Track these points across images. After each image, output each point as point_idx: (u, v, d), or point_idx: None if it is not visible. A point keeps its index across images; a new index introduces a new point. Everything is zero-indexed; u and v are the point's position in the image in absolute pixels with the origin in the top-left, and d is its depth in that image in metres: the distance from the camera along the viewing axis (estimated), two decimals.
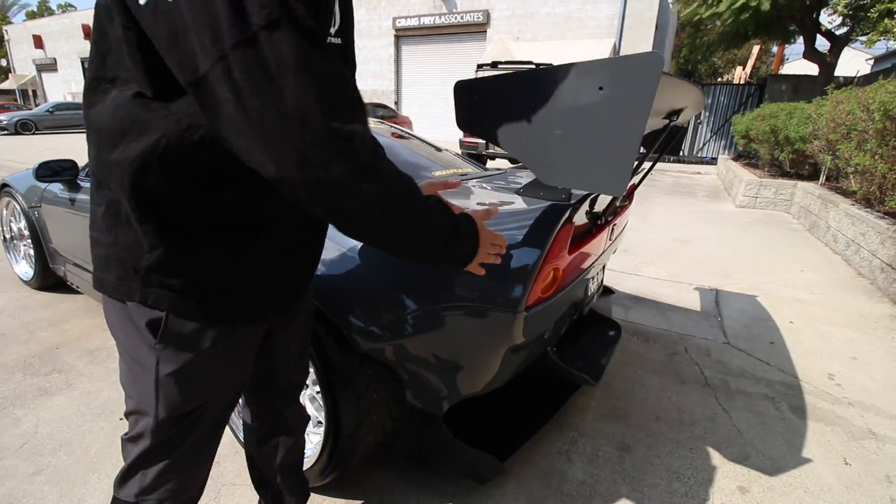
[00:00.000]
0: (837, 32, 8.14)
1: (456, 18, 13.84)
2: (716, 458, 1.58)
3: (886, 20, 5.72)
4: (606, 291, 2.40)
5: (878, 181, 3.67)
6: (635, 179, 1.67)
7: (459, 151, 8.37)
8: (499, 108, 0.87)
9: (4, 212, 2.78)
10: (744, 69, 16.09)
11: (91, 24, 0.61)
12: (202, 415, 0.74)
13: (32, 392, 1.76)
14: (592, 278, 1.66)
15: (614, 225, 1.63)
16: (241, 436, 1.42)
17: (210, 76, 0.48)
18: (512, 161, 8.97)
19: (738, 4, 7.28)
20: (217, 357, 0.71)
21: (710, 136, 11.63)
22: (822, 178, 5.65)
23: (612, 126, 0.75)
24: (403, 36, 15.24)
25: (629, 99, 0.72)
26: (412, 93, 15.78)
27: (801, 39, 9.05)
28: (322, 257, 0.88)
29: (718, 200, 6.86)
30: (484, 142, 7.78)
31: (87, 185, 2.14)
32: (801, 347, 2.39)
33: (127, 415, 0.74)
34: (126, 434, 0.75)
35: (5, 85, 29.69)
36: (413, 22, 14.62)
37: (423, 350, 1.14)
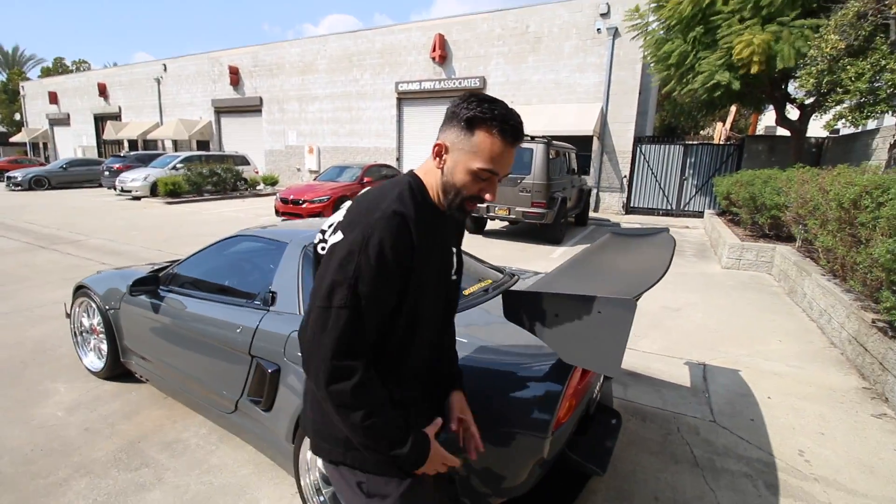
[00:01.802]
0: (807, 103, 8.96)
1: (454, 84, 14.90)
2: None
3: (839, 108, 6.46)
4: (606, 377, 2.78)
5: (840, 260, 4.15)
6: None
7: None
8: (537, 315, 1.31)
9: (77, 309, 3.18)
10: (724, 125, 17.16)
11: (105, 83, 1.09)
12: None
13: (131, 488, 2.09)
14: (596, 384, 2.05)
15: None
16: None
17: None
18: (512, 223, 9.54)
19: (710, 83, 8.09)
20: None
21: (696, 192, 12.35)
22: (799, 242, 6.17)
23: (607, 333, 1.18)
24: (405, 98, 16.28)
25: (616, 320, 1.16)
26: (413, 150, 16.66)
27: (772, 106, 9.88)
28: None
29: (705, 260, 7.35)
30: (485, 206, 8.34)
31: (167, 294, 2.56)
32: (777, 423, 2.76)
33: None
34: None
35: (18, 137, 30.78)
36: (414, 86, 15.68)
37: (476, 461, 1.52)
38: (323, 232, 1.06)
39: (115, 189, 14.65)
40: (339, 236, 0.94)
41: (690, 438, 2.59)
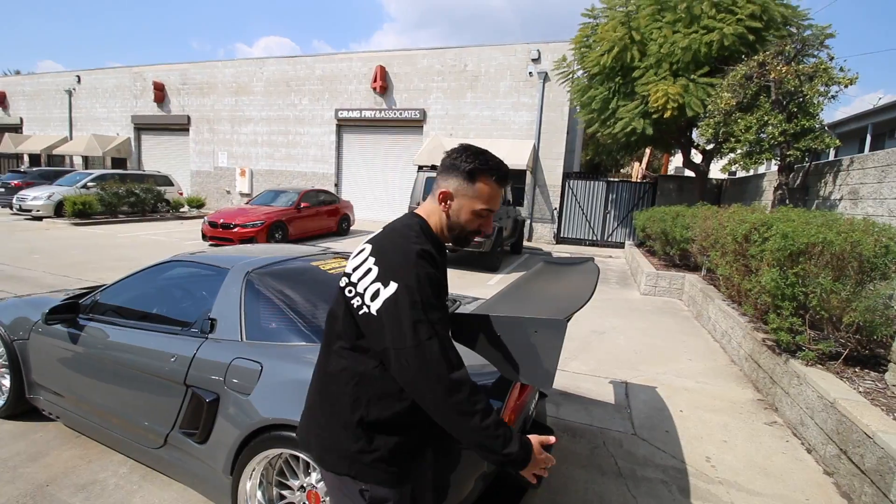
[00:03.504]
0: (708, 148, 10.20)
1: (395, 114, 15.22)
2: None
3: (732, 155, 7.49)
4: (541, 395, 2.96)
5: (736, 287, 4.74)
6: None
7: None
8: (480, 335, 1.43)
9: None
10: (640, 164, 18.95)
11: (5, 91, 1.10)
12: None
13: None
14: (532, 401, 2.20)
15: None
16: None
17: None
18: (451, 251, 9.78)
19: (628, 129, 9.04)
20: None
21: (617, 225, 13.44)
22: (704, 272, 6.92)
23: (542, 350, 1.32)
24: (345, 125, 16.33)
25: (549, 339, 1.31)
26: (352, 177, 16.63)
27: (680, 150, 11.13)
28: None
29: (627, 287, 7.98)
30: None
31: (87, 323, 2.39)
32: (688, 433, 3.07)
33: None
34: None
35: None
36: (355, 114, 15.80)
37: None
38: (347, 275, 1.13)
39: (11, 208, 13.11)
40: (391, 286, 1.03)
41: (615, 451, 2.80)
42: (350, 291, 1.10)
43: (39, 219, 12.61)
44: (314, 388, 1.21)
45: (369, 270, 1.08)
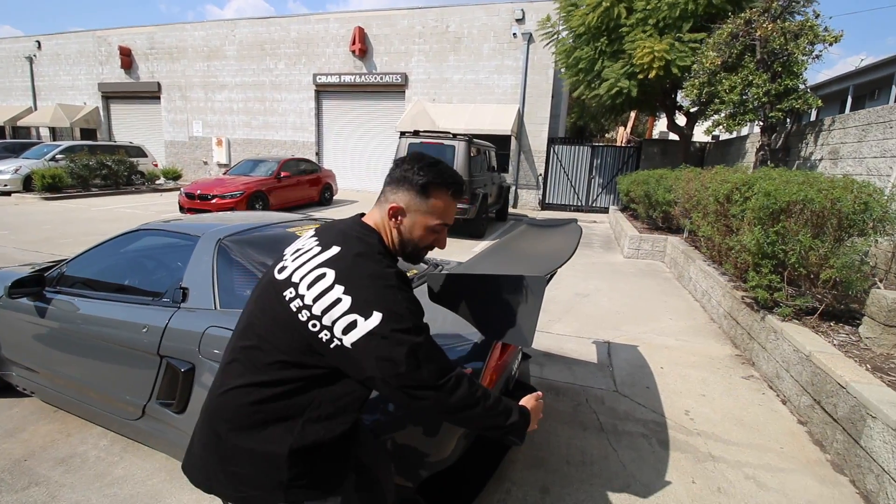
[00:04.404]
0: (692, 110, 10.12)
1: (375, 79, 14.72)
2: (606, 488, 2.15)
3: (716, 117, 7.43)
4: (525, 357, 2.98)
5: (717, 247, 4.79)
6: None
7: None
8: (459, 295, 1.39)
9: None
10: (625, 128, 18.81)
11: None
12: None
13: None
14: (514, 362, 2.20)
15: None
16: None
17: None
18: None
19: (613, 91, 8.88)
20: None
21: (602, 190, 13.43)
22: (686, 234, 6.98)
23: (522, 309, 1.29)
24: (324, 91, 15.77)
25: (529, 297, 1.27)
26: (334, 145, 16.20)
27: (664, 113, 11.04)
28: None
29: (610, 251, 8.05)
30: None
31: (55, 296, 2.30)
32: (668, 389, 3.14)
33: None
34: None
35: None
36: (333, 79, 15.24)
37: (405, 436, 1.58)
38: (301, 297, 0.99)
39: None
40: (374, 317, 0.95)
41: (597, 407, 2.86)
42: (314, 326, 0.97)
43: (7, 194, 12.10)
44: (218, 422, 1.04)
45: (338, 300, 0.96)
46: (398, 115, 14.20)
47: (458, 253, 7.19)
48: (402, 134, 8.64)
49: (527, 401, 1.21)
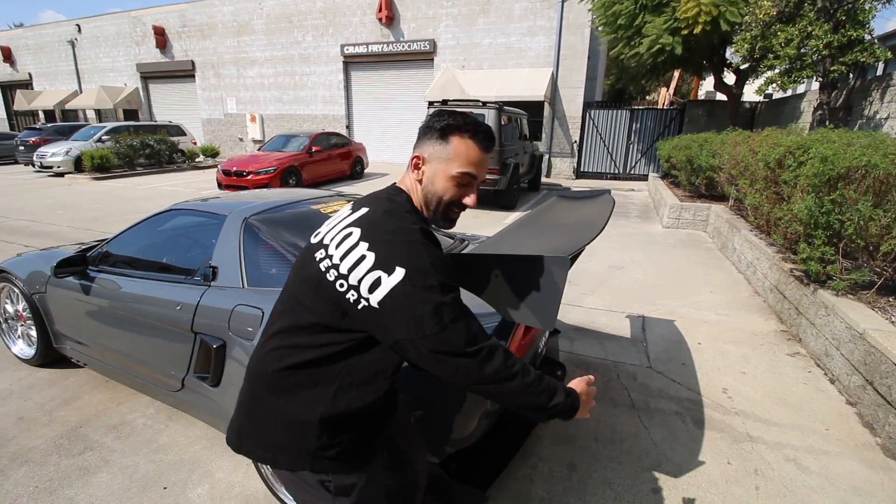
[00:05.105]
0: (742, 67, 9.38)
1: (403, 47, 14.39)
2: (637, 467, 2.11)
3: (769, 74, 6.82)
4: (554, 332, 2.92)
5: (765, 216, 4.49)
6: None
7: None
8: (477, 276, 1.34)
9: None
10: (668, 89, 17.73)
11: (9, 47, 0.95)
12: None
13: (75, 472, 2.02)
14: (541, 339, 2.16)
15: None
16: None
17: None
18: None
19: (655, 48, 8.28)
20: None
21: (641, 156, 12.81)
22: (731, 202, 6.59)
23: (543, 290, 1.23)
24: (352, 62, 15.60)
25: (551, 278, 1.21)
26: (364, 118, 16.13)
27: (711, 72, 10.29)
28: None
29: (648, 221, 7.73)
30: None
31: (97, 275, 2.41)
32: (705, 365, 3.03)
33: None
34: None
35: None
36: (361, 49, 15.02)
37: (429, 414, 1.58)
38: (329, 258, 0.98)
39: (33, 165, 13.33)
40: (397, 273, 0.91)
41: (629, 384, 2.79)
42: (341, 286, 0.95)
43: (61, 175, 12.83)
44: (257, 384, 1.06)
45: (363, 258, 0.94)
46: (427, 85, 13.90)
47: (488, 226, 7.09)
48: (431, 104, 8.47)
49: (577, 384, 1.12)
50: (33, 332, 2.79)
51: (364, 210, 1.02)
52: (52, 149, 13.04)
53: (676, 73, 16.81)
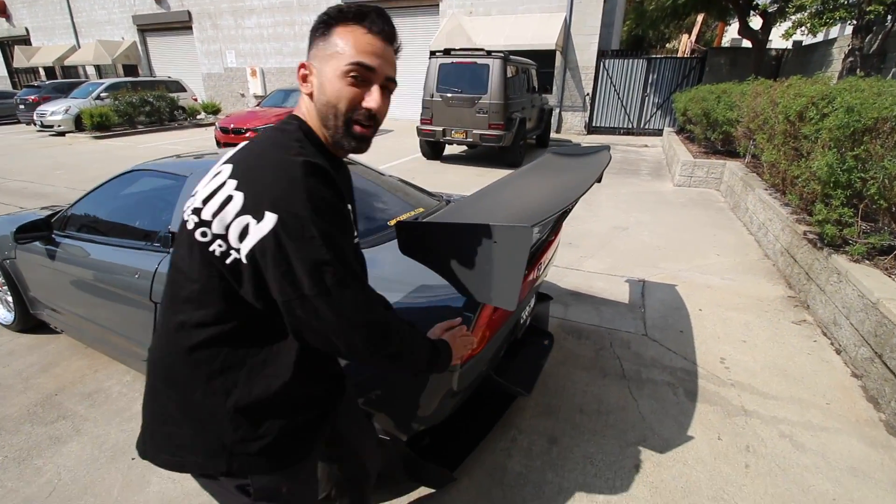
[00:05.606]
0: (770, 10, 8.64)
1: None
2: (621, 441, 2.02)
3: (799, 15, 6.21)
4: (545, 298, 2.78)
5: (781, 174, 4.19)
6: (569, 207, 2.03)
7: (418, 139, 8.52)
8: (432, 247, 1.18)
9: None
10: (689, 36, 16.62)
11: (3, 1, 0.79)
12: None
13: (45, 441, 2.00)
14: (524, 309, 2.02)
15: (540, 263, 1.98)
16: None
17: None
18: (470, 147, 9.23)
19: None
20: None
21: (656, 110, 12.16)
22: (747, 158, 6.22)
23: (503, 264, 1.07)
24: None
25: (512, 250, 1.05)
26: None
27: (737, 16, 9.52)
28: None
29: (660, 179, 7.39)
30: (441, 129, 7.97)
31: (62, 240, 2.31)
32: (704, 333, 2.88)
33: None
34: None
35: None
36: None
37: (388, 392, 1.48)
38: (197, 211, 0.79)
39: (35, 124, 13.18)
40: (267, 219, 0.72)
41: (621, 352, 2.67)
42: (204, 235, 0.78)
43: (62, 134, 12.68)
44: (154, 375, 0.90)
45: (229, 199, 0.75)
46: (432, 34, 13.17)
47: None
48: (433, 54, 8.01)
49: (438, 332, 1.14)
50: (10, 298, 2.74)
51: (242, 145, 0.85)
52: (51, 107, 12.83)
53: (699, 18, 15.69)
